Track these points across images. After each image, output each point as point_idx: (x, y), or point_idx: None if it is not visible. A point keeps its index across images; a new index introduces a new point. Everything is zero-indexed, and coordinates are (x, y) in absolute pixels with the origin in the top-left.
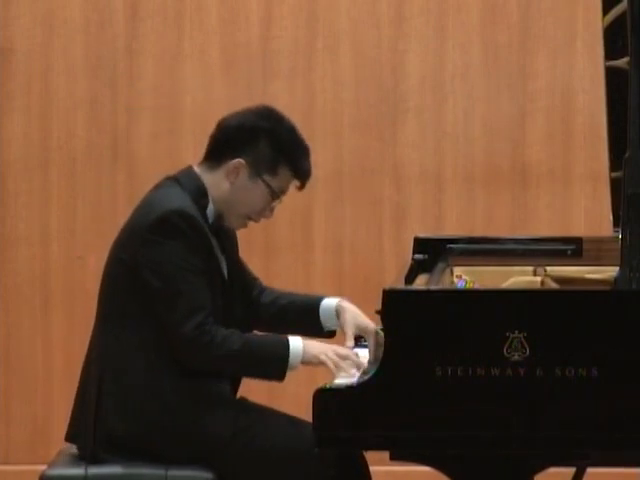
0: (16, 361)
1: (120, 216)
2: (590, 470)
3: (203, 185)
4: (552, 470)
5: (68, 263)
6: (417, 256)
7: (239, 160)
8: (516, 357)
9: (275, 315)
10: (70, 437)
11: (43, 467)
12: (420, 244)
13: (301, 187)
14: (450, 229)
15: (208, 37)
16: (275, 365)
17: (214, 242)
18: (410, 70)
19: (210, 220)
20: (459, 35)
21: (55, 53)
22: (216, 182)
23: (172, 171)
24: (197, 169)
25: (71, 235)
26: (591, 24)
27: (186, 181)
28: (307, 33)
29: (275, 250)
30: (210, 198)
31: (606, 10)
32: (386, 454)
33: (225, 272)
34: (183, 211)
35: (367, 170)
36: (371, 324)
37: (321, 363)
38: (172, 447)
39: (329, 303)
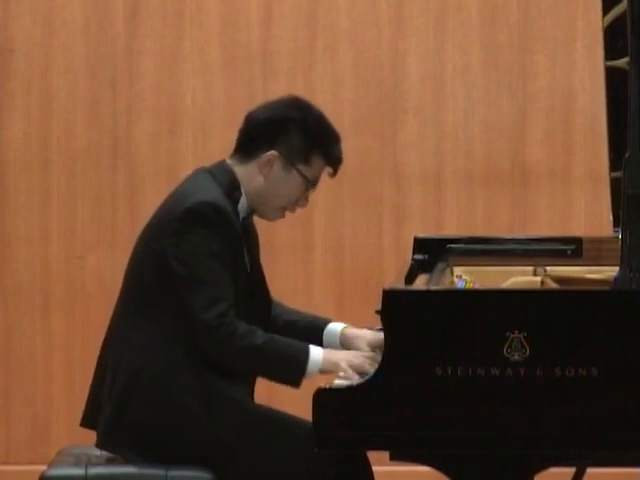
0: (16, 361)
1: (120, 216)
2: (590, 470)
3: (236, 178)
4: (552, 470)
5: (68, 263)
6: (417, 256)
7: (272, 152)
8: (516, 357)
9: (281, 329)
10: (85, 421)
11: (43, 467)
12: (420, 244)
13: (334, 174)
14: (450, 229)
15: (208, 37)
16: (293, 369)
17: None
18: (410, 70)
19: (241, 215)
20: (459, 35)
21: (55, 53)
22: (249, 175)
23: (172, 171)
24: (229, 162)
25: (71, 235)
26: (591, 24)
27: (219, 174)
28: (307, 33)
29: (275, 250)
30: (243, 191)
31: (606, 10)
32: (386, 454)
33: (249, 268)
34: (214, 204)
35: (367, 170)
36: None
37: (342, 371)
38: (173, 442)
39: (334, 327)
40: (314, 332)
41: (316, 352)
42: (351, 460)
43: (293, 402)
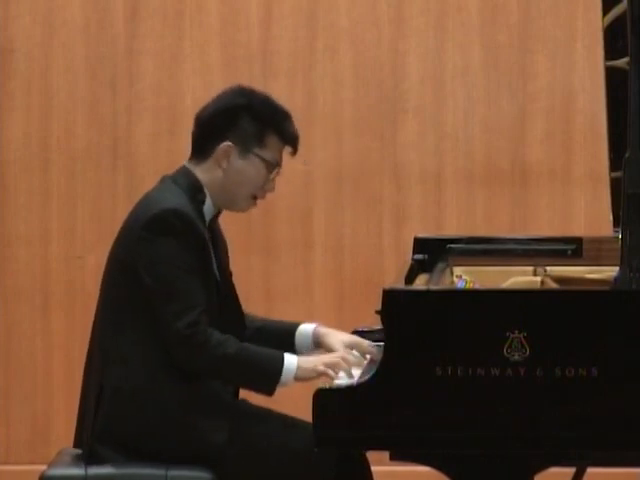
0: (16, 361)
1: (120, 216)
2: (590, 470)
3: (197, 180)
4: (552, 470)
5: (68, 263)
6: (417, 256)
7: (226, 143)
8: (516, 357)
9: (252, 337)
10: (77, 443)
11: (43, 467)
12: (420, 244)
13: (294, 152)
14: (450, 229)
15: (208, 37)
16: (267, 378)
17: (209, 241)
18: (410, 70)
19: (207, 217)
20: (459, 35)
21: (55, 53)
22: (209, 173)
23: (172, 171)
24: (188, 165)
25: (71, 235)
26: (591, 24)
27: (181, 179)
28: (307, 33)
29: (275, 250)
30: (207, 192)
31: (606, 10)
32: (386, 454)
33: (217, 273)
34: (177, 210)
35: (367, 170)
36: (358, 338)
37: (322, 374)
38: (170, 449)
39: (305, 328)
40: (286, 335)
41: (290, 360)
42: (351, 460)
43: (293, 402)
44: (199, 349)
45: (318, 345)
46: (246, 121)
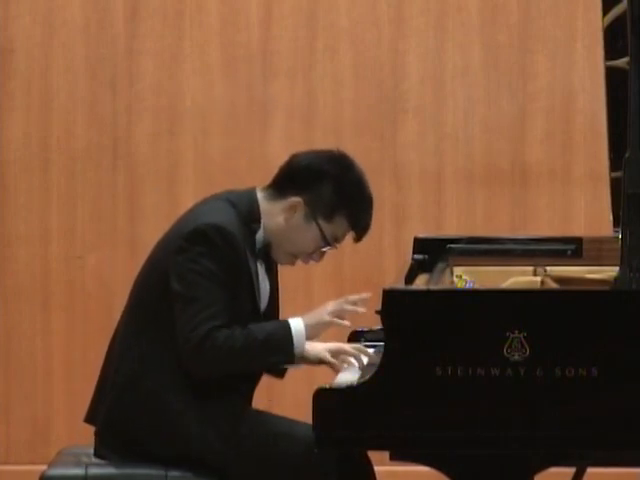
0: (16, 361)
1: (120, 216)
2: (590, 470)
3: (258, 210)
4: (552, 470)
5: (68, 263)
6: (417, 256)
7: (298, 199)
8: (516, 357)
9: None
10: (88, 418)
11: (43, 467)
12: (420, 244)
13: (357, 240)
14: (450, 229)
15: (208, 37)
16: (282, 350)
17: (259, 266)
18: (410, 70)
19: (258, 245)
20: (459, 35)
21: (55, 53)
22: (272, 213)
23: (172, 171)
24: (259, 193)
25: (71, 235)
26: (591, 24)
27: (242, 202)
28: (307, 33)
29: None
30: (262, 225)
31: (606, 10)
32: (386, 454)
33: (264, 297)
34: (221, 226)
35: (367, 170)
36: (340, 344)
37: (331, 323)
38: (171, 452)
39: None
40: None
41: (297, 323)
42: (352, 460)
43: (293, 403)
44: (208, 360)
45: (301, 359)
46: (327, 190)
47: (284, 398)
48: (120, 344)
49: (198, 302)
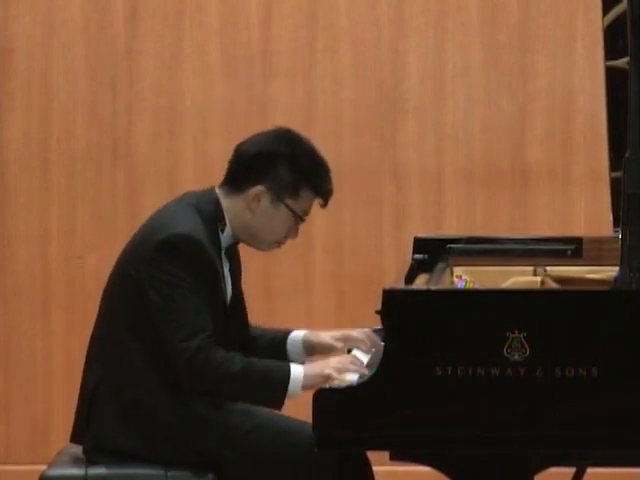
0: (16, 361)
1: (120, 216)
2: (590, 470)
3: (221, 210)
4: (552, 470)
5: (68, 263)
6: (417, 256)
7: (259, 187)
8: (516, 357)
9: (247, 348)
10: (73, 438)
11: (43, 467)
12: (420, 244)
13: (325, 204)
14: (450, 229)
15: (208, 37)
16: (274, 391)
17: (224, 267)
18: (410, 70)
19: (224, 244)
20: (459, 35)
21: (55, 53)
22: (237, 210)
23: (172, 171)
24: (218, 191)
25: (71, 235)
26: (591, 24)
27: (205, 205)
28: (307, 33)
29: (275, 250)
30: (228, 223)
31: (606, 10)
32: (386, 454)
33: (228, 297)
34: (190, 236)
35: (367, 170)
36: (347, 331)
37: (328, 378)
38: (170, 455)
39: (296, 334)
40: (277, 345)
41: (297, 370)
42: (351, 460)
43: (293, 404)
44: (203, 371)
45: (310, 349)
46: (284, 170)
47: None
48: (98, 356)
49: (182, 312)
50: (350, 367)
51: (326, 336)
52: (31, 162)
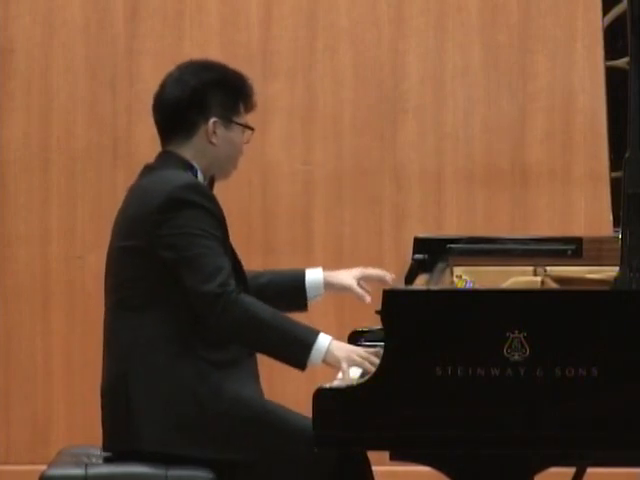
0: (16, 361)
1: None
2: (590, 470)
3: (186, 159)
4: (552, 470)
5: (68, 263)
6: (417, 256)
7: (212, 119)
8: (516, 357)
9: (259, 294)
10: (108, 447)
11: (43, 467)
12: (420, 244)
13: (253, 107)
14: (450, 229)
15: (208, 37)
16: (298, 350)
17: None
18: (410, 70)
19: None
20: (459, 35)
21: (55, 53)
22: (198, 150)
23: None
24: (169, 149)
25: (71, 235)
26: (591, 24)
27: (169, 162)
28: (307, 33)
29: (275, 250)
30: (197, 168)
31: (606, 10)
32: (386, 454)
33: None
34: (191, 183)
35: (367, 170)
36: (367, 270)
37: (343, 371)
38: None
39: (314, 276)
40: (295, 288)
41: (323, 341)
42: (351, 460)
43: (293, 403)
44: (229, 309)
45: (328, 287)
46: (216, 94)
47: (284, 398)
48: (118, 349)
49: (201, 259)
50: (367, 366)
51: (346, 277)
52: (31, 162)
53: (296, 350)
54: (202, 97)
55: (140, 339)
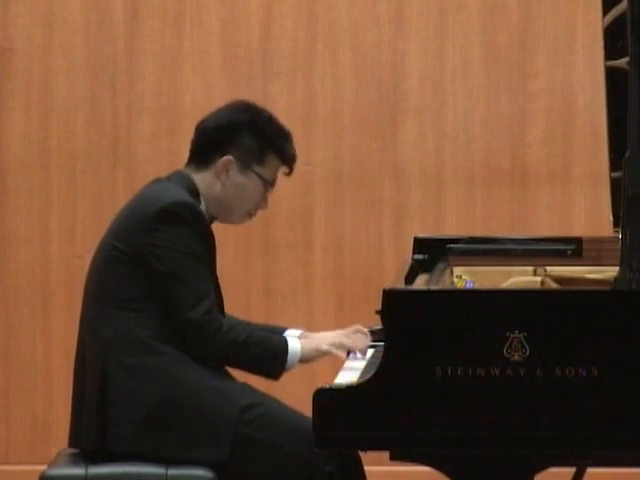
0: (16, 361)
1: None
2: (590, 470)
3: (195, 185)
4: (552, 470)
5: (68, 263)
6: (417, 256)
7: (227, 157)
8: (516, 357)
9: None
10: (73, 443)
11: (43, 467)
12: (420, 244)
13: (289, 172)
14: (450, 229)
15: (208, 37)
16: (275, 362)
17: None
18: (410, 70)
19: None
20: (459, 35)
21: (55, 53)
22: (207, 183)
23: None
24: (185, 172)
25: (71, 235)
26: (591, 24)
27: (180, 181)
28: (307, 33)
29: (275, 250)
30: (202, 199)
31: (606, 10)
32: (386, 454)
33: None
34: (188, 202)
35: (367, 170)
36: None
37: (325, 353)
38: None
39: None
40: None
41: (294, 343)
42: (351, 460)
43: (293, 403)
44: (213, 336)
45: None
46: (248, 137)
47: (284, 398)
48: (96, 337)
49: (187, 281)
50: (345, 341)
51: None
52: (31, 162)
53: (272, 364)
54: (227, 133)
55: (117, 336)
